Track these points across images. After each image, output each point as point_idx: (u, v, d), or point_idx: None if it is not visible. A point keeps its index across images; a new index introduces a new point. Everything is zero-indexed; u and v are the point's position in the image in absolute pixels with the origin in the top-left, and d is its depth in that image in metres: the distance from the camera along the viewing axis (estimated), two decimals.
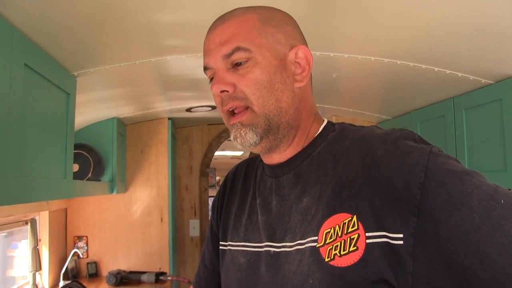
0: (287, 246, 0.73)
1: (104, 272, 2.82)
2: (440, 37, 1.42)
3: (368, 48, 1.60)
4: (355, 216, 0.65)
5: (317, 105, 0.86)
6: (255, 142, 0.75)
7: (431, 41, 1.46)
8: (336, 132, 0.79)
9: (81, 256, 2.79)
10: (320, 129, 0.81)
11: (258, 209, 0.82)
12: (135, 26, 1.32)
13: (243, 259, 0.81)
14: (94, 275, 2.82)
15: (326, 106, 2.66)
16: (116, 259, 2.89)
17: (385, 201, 0.62)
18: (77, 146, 2.23)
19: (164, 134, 3.01)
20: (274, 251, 0.75)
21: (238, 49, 0.73)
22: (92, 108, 2.23)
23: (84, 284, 2.30)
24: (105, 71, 1.65)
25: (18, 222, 2.19)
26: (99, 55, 1.54)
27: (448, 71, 1.69)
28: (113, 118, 2.57)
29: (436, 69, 1.69)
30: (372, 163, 0.66)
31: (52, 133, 1.42)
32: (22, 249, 2.35)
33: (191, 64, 1.74)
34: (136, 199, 2.96)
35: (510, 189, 0.63)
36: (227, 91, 0.74)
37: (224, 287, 0.87)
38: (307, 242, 0.69)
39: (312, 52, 0.80)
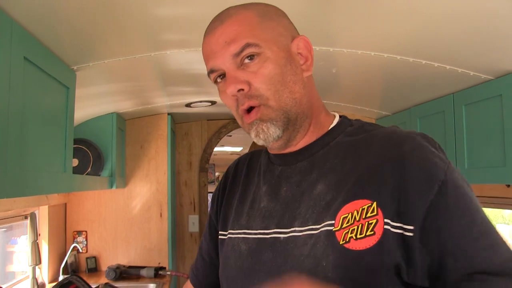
0: (297, 231, 0.73)
1: (104, 267, 2.83)
2: (440, 33, 1.42)
3: (368, 43, 1.60)
4: (375, 203, 0.66)
5: None
6: (278, 136, 0.76)
7: (431, 36, 1.46)
8: (354, 127, 0.81)
9: (80, 250, 2.80)
10: (336, 121, 0.83)
11: (264, 197, 0.82)
12: (135, 19, 1.32)
13: (244, 246, 0.81)
14: (94, 269, 2.82)
15: (325, 102, 2.65)
16: (116, 254, 2.90)
17: (406, 192, 0.65)
18: (76, 141, 2.23)
19: (163, 130, 3.01)
20: (284, 237, 0.75)
21: (247, 45, 0.72)
22: (92, 103, 2.23)
23: (84, 278, 2.31)
24: (104, 66, 1.65)
25: (17, 216, 2.20)
26: (98, 49, 1.53)
27: (448, 67, 1.69)
28: (113, 113, 2.56)
29: (436, 64, 1.69)
30: (398, 156, 0.68)
31: (52, 127, 1.42)
32: (22, 245, 2.36)
33: (191, 59, 1.74)
34: (136, 194, 2.96)
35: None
36: (243, 90, 0.74)
37: (222, 276, 0.86)
38: (322, 227, 0.70)
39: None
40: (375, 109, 2.77)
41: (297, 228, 0.74)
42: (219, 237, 0.91)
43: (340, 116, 0.85)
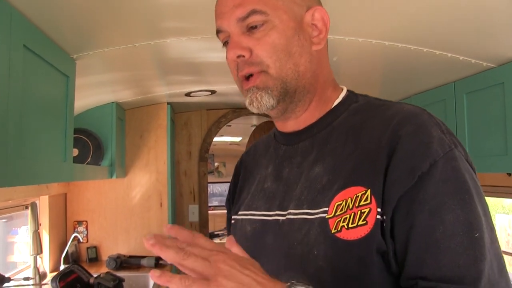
0: (292, 213, 0.72)
1: (104, 257, 2.84)
2: (442, 20, 1.41)
3: (369, 31, 1.59)
4: (369, 190, 0.64)
5: None
6: (272, 106, 0.74)
7: (433, 23, 1.45)
8: (359, 104, 0.78)
9: (81, 240, 2.81)
10: (341, 97, 0.80)
11: (269, 177, 0.81)
12: (136, 7, 1.30)
13: (249, 228, 0.80)
14: (94, 259, 2.83)
15: None
16: (116, 244, 2.91)
17: (388, 179, 0.63)
18: (76, 131, 2.22)
19: (163, 119, 3.00)
20: (282, 219, 0.74)
21: (253, 12, 0.70)
22: (91, 92, 2.22)
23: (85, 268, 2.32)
24: (104, 54, 1.63)
25: (18, 206, 2.20)
26: (98, 37, 1.52)
27: (449, 55, 1.68)
28: (112, 102, 2.55)
29: (437, 52, 1.68)
30: (395, 138, 0.65)
31: (52, 116, 1.41)
32: (22, 235, 2.36)
33: (191, 47, 1.73)
34: (136, 184, 2.96)
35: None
36: (243, 56, 0.72)
37: None
38: (317, 213, 0.68)
39: None
40: None
41: (292, 211, 0.72)
42: (232, 221, 0.90)
43: (347, 90, 0.82)
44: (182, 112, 3.48)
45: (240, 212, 0.85)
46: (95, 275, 2.12)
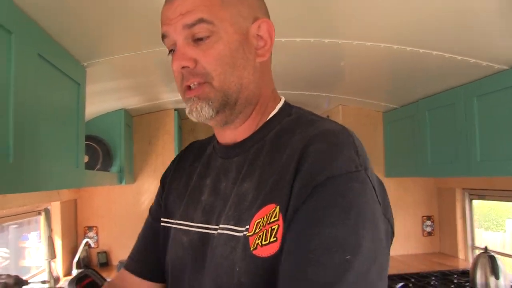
0: (221, 228, 0.72)
1: (115, 261, 2.85)
2: (451, 22, 1.41)
3: (378, 35, 1.59)
4: (278, 207, 0.65)
5: (322, 94, 0.84)
6: (210, 116, 0.74)
7: (442, 26, 1.45)
8: (291, 119, 0.78)
9: (92, 245, 2.82)
10: (276, 109, 0.80)
11: (205, 189, 0.81)
12: (143, 15, 1.31)
13: (185, 238, 0.79)
14: (105, 264, 2.85)
15: (332, 95, 2.64)
16: (126, 249, 2.85)
17: (293, 194, 0.64)
18: (86, 138, 2.24)
19: (170, 125, 3.01)
20: (215, 233, 0.74)
21: (201, 20, 0.70)
22: (100, 99, 2.24)
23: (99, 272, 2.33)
24: (113, 61, 1.65)
25: (31, 212, 2.23)
26: (107, 45, 1.54)
27: (459, 57, 1.68)
28: (121, 109, 2.57)
29: (446, 55, 1.68)
30: (303, 158, 0.65)
31: (64, 123, 1.43)
32: (33, 241, 2.38)
33: None
34: (145, 190, 2.97)
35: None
36: (188, 67, 0.72)
37: (166, 265, 0.85)
38: (242, 231, 0.68)
39: (319, 40, 0.78)
40: (382, 102, 2.76)
41: (221, 226, 0.72)
42: (162, 224, 0.89)
43: (284, 102, 0.82)
44: (188, 118, 3.49)
45: (174, 221, 0.84)
46: (108, 279, 2.13)
